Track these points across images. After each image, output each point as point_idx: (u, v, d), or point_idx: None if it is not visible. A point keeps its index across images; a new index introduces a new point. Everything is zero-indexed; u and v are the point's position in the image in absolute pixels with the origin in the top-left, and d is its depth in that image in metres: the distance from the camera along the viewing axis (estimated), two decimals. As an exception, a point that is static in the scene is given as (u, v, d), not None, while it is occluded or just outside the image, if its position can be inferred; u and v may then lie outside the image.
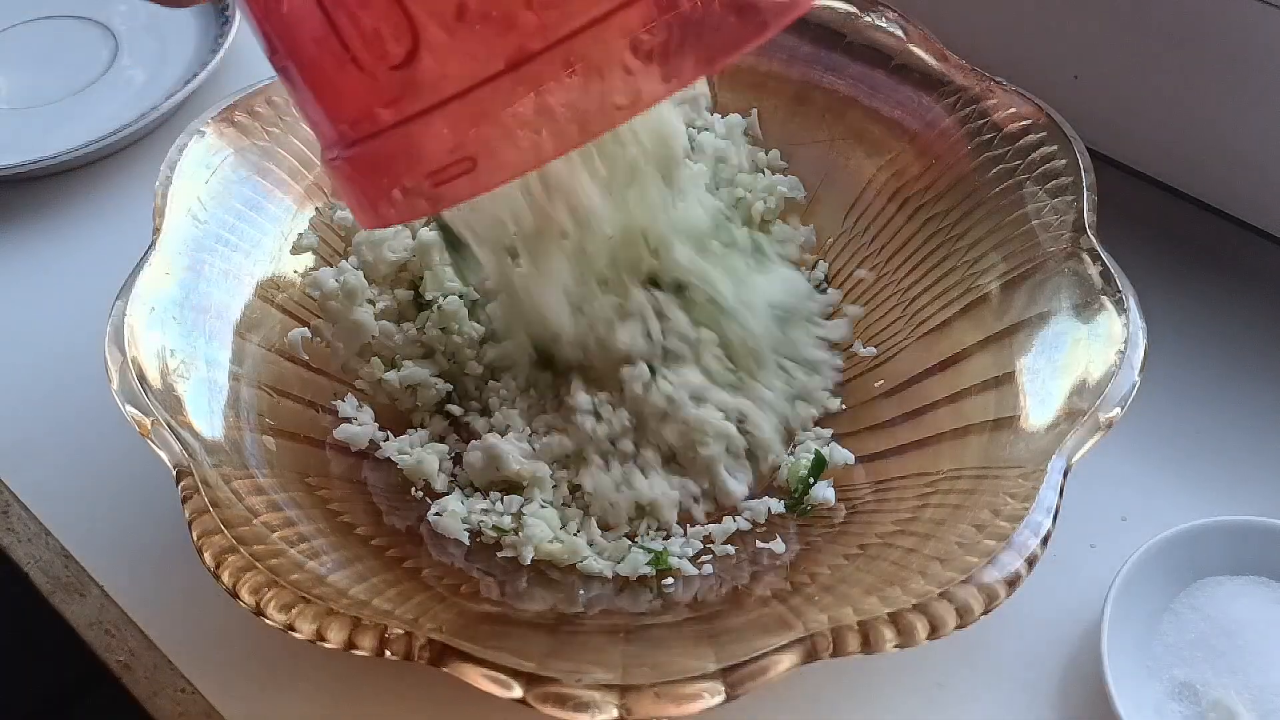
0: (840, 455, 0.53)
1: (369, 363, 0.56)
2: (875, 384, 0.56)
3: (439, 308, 0.57)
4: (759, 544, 0.51)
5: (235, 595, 0.41)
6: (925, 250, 0.57)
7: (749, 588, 0.48)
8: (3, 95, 0.77)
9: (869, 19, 0.61)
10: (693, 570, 0.50)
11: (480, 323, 0.57)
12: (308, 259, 0.58)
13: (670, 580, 0.49)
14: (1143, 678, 0.48)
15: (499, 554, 0.50)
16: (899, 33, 0.61)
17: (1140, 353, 0.46)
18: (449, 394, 0.56)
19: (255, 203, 0.56)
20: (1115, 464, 0.54)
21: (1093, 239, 0.51)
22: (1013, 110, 0.57)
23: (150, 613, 0.52)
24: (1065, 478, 0.43)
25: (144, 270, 0.50)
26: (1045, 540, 0.42)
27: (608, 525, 0.52)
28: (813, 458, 0.53)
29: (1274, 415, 0.58)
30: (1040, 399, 0.47)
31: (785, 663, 0.39)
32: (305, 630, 0.40)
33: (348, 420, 0.54)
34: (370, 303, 0.57)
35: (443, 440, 0.55)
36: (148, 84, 0.76)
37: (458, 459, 0.54)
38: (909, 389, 0.54)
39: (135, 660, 0.51)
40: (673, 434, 0.53)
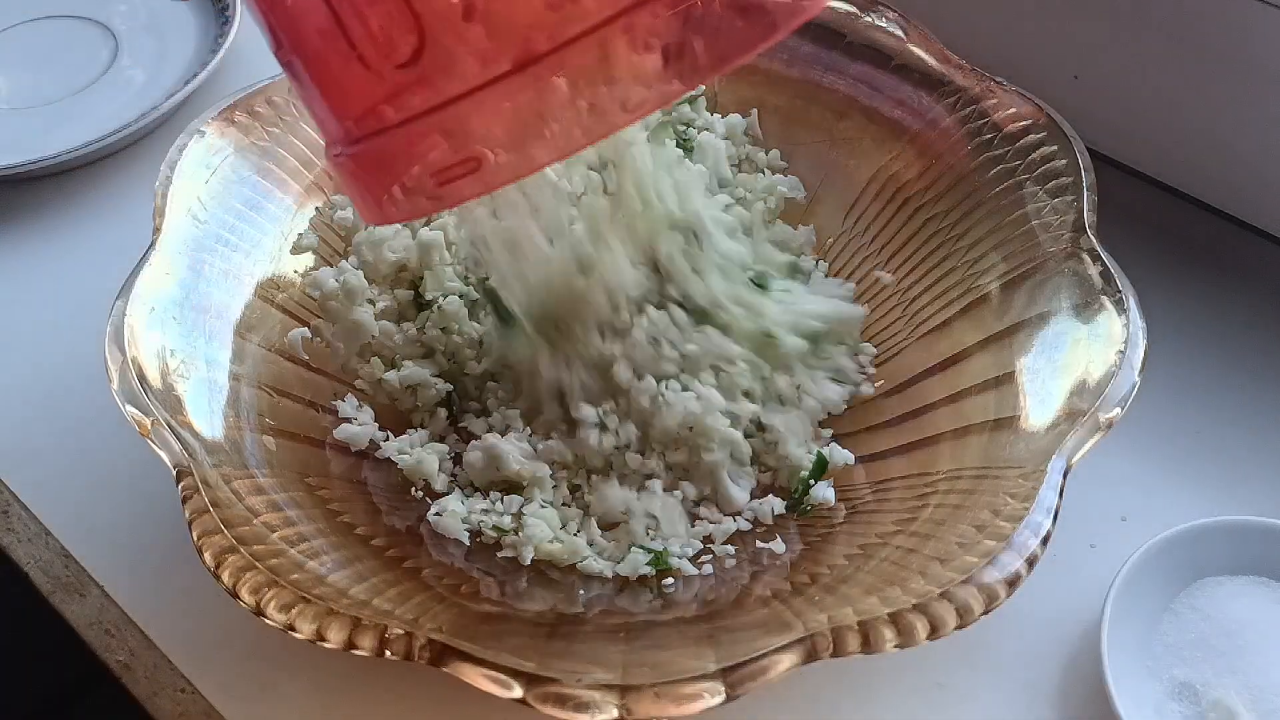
0: (840, 455, 0.53)
1: (369, 363, 0.56)
2: (875, 384, 0.56)
3: (439, 308, 0.56)
4: (759, 544, 0.51)
5: (235, 595, 0.41)
6: (925, 250, 0.57)
7: (749, 588, 0.48)
8: (3, 95, 0.77)
9: (869, 19, 0.61)
10: (693, 570, 0.50)
11: (480, 322, 0.57)
12: (308, 259, 0.58)
13: (670, 580, 0.49)
14: (1143, 678, 0.48)
15: (499, 554, 0.50)
16: (899, 33, 0.61)
17: (1140, 353, 0.46)
18: (449, 394, 0.56)
19: (255, 203, 0.57)
20: (1115, 464, 0.54)
21: (1093, 239, 0.51)
22: (1013, 110, 0.57)
23: (150, 613, 0.52)
24: (1065, 478, 0.43)
25: (144, 270, 0.50)
26: (1045, 540, 0.42)
27: (608, 525, 0.52)
28: (813, 458, 0.53)
29: (1274, 415, 0.58)
30: (1040, 399, 0.47)
31: (785, 663, 0.39)
32: (305, 630, 0.40)
33: (348, 420, 0.54)
34: (370, 303, 0.57)
35: (443, 440, 0.55)
36: (148, 84, 0.76)
37: (458, 459, 0.54)
38: (909, 389, 0.54)
39: (135, 660, 0.51)
40: (677, 440, 0.53)
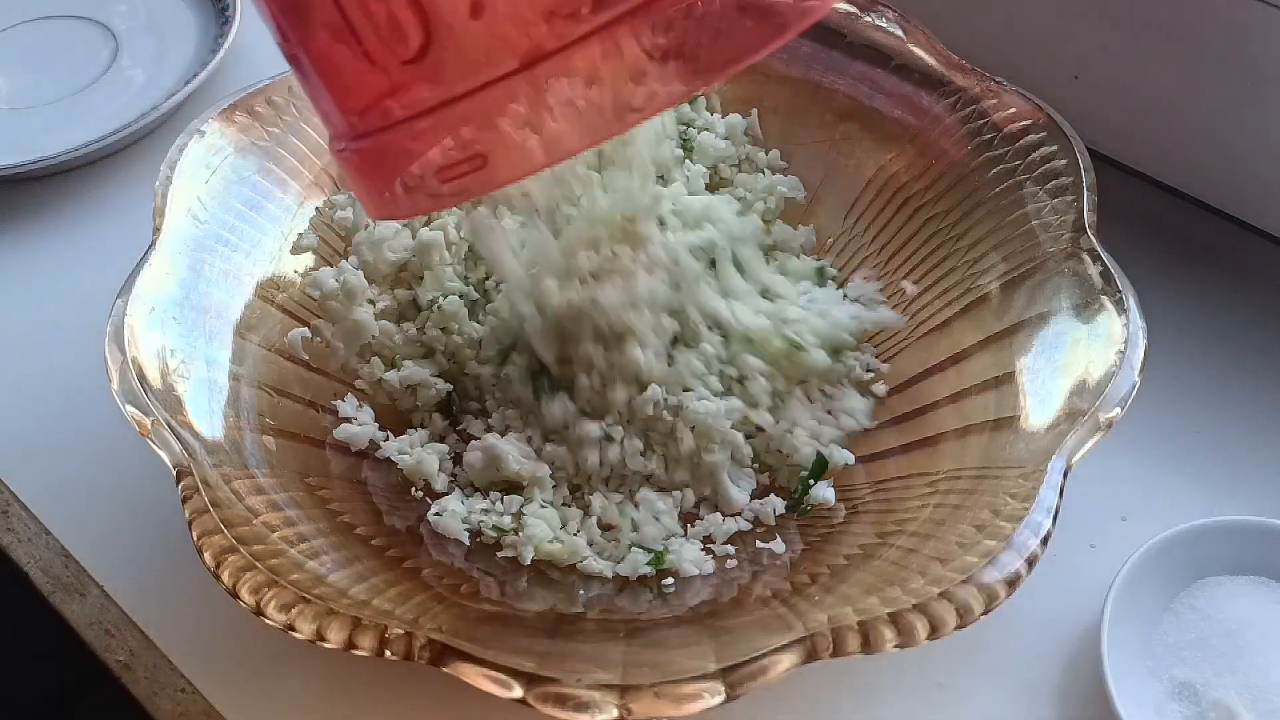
0: (840, 455, 0.53)
1: (369, 363, 0.56)
2: (876, 384, 0.56)
3: (439, 308, 0.57)
4: (759, 544, 0.51)
5: (235, 595, 0.41)
6: (925, 250, 0.57)
7: (749, 588, 0.48)
8: (3, 95, 0.77)
9: (869, 19, 0.61)
10: (693, 570, 0.50)
11: (481, 322, 0.57)
12: (308, 259, 0.58)
13: (670, 580, 0.49)
14: (1143, 678, 0.48)
15: (499, 554, 0.50)
16: (899, 33, 0.61)
17: (1140, 353, 0.47)
18: (449, 394, 0.56)
19: (255, 203, 0.56)
20: (1115, 464, 0.54)
21: (1093, 239, 0.51)
22: (1013, 110, 0.57)
23: (150, 613, 0.52)
24: (1065, 478, 0.43)
25: (144, 270, 0.50)
26: (1045, 540, 0.42)
27: (608, 525, 0.52)
28: (813, 458, 0.53)
29: (1274, 415, 0.58)
30: (1040, 399, 0.47)
31: (785, 663, 0.39)
32: (305, 630, 0.40)
33: (348, 420, 0.54)
34: (370, 303, 0.57)
35: (443, 440, 0.55)
36: (148, 84, 0.76)
37: (458, 459, 0.54)
38: (909, 389, 0.54)
39: (135, 660, 0.51)
40: (678, 441, 0.53)
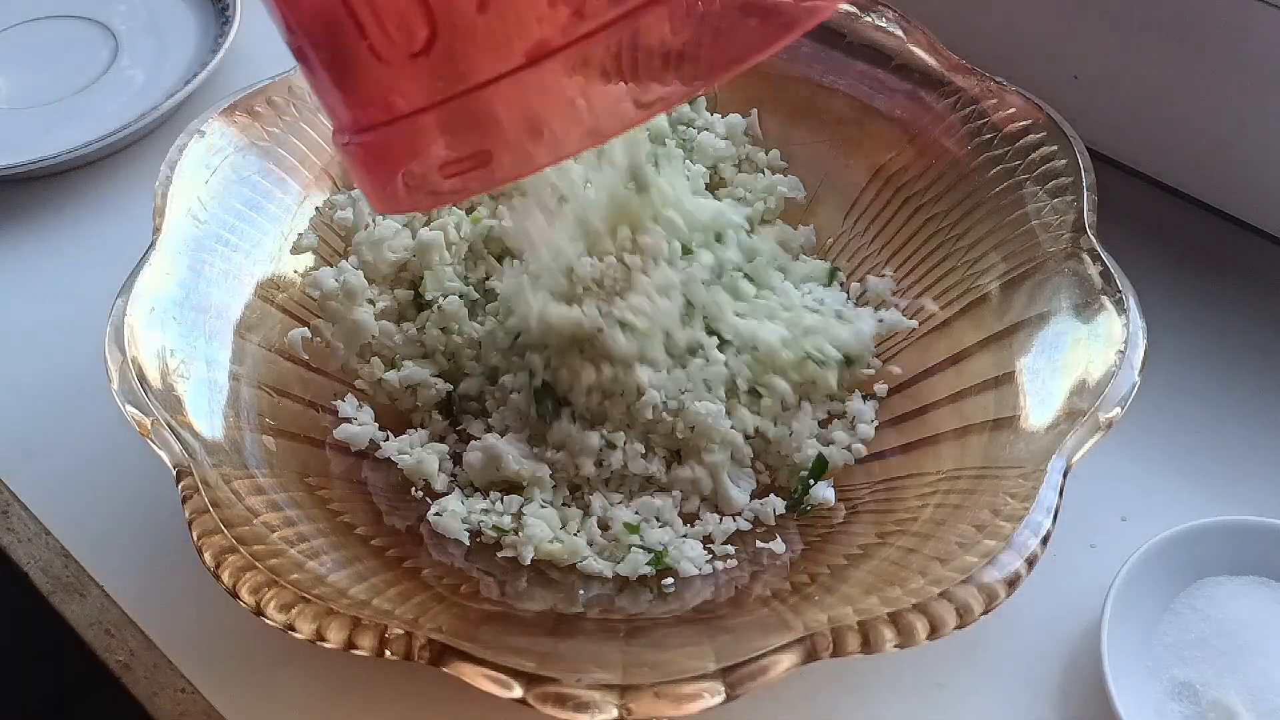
0: (840, 455, 0.53)
1: (369, 363, 0.56)
2: (876, 384, 0.56)
3: (439, 308, 0.57)
4: (759, 544, 0.51)
5: (235, 595, 0.41)
6: (925, 250, 0.57)
7: (749, 588, 0.48)
8: (3, 95, 0.77)
9: (869, 19, 0.61)
10: (692, 570, 0.50)
11: (481, 322, 0.57)
12: (308, 259, 0.58)
13: (670, 580, 0.49)
14: (1143, 678, 0.48)
15: (499, 554, 0.50)
16: (899, 33, 0.61)
17: (1140, 353, 0.47)
18: (449, 394, 0.56)
19: (255, 203, 0.56)
20: (1115, 464, 0.54)
21: (1093, 239, 0.51)
22: (1013, 110, 0.57)
23: (150, 613, 0.52)
24: (1065, 478, 0.43)
25: (144, 270, 0.50)
26: (1045, 540, 0.42)
27: (607, 525, 0.52)
28: (813, 458, 0.53)
29: (1274, 415, 0.58)
30: (1040, 399, 0.47)
31: (785, 663, 0.39)
32: (305, 630, 0.40)
33: (348, 420, 0.54)
34: (370, 303, 0.57)
35: (443, 440, 0.55)
36: (148, 84, 0.76)
37: (458, 459, 0.54)
38: (909, 389, 0.54)
39: (135, 660, 0.51)
40: (678, 440, 0.53)
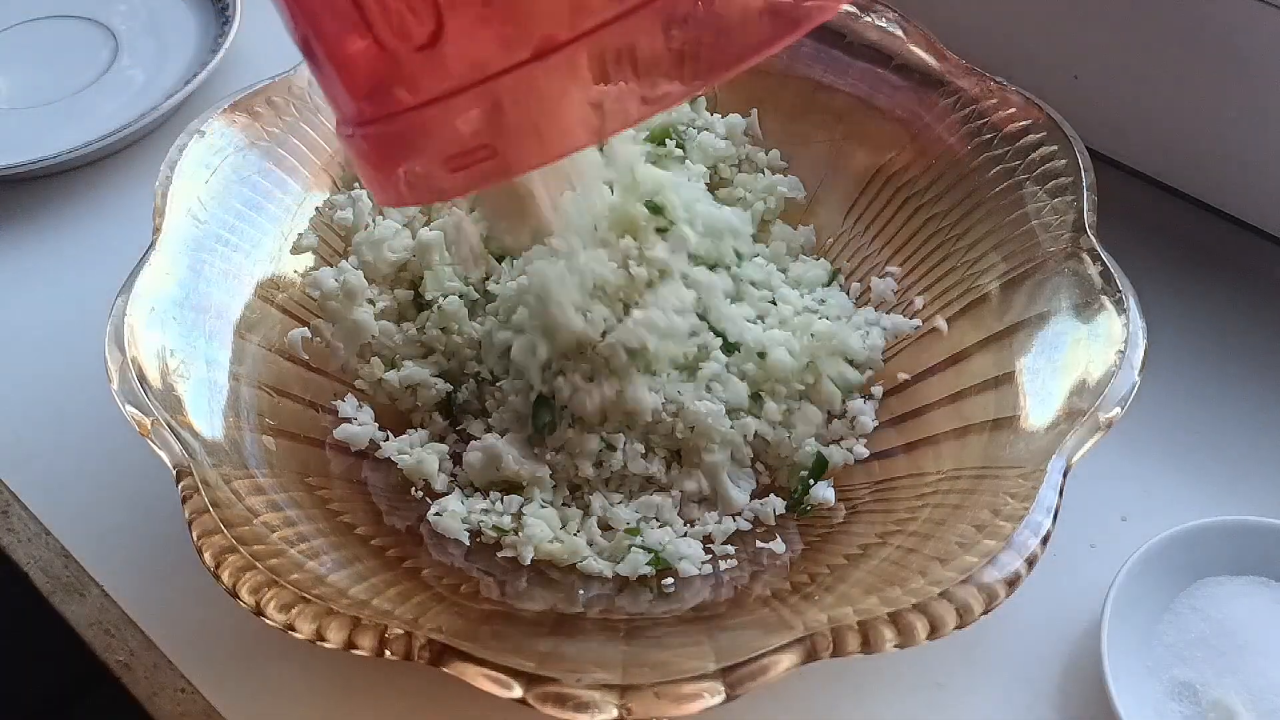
0: (840, 455, 0.53)
1: (369, 363, 0.56)
2: (875, 384, 0.56)
3: (439, 308, 0.57)
4: (759, 544, 0.51)
5: (235, 595, 0.41)
6: (925, 250, 0.57)
7: (749, 588, 0.48)
8: (3, 95, 0.77)
9: (869, 19, 0.61)
10: (692, 570, 0.50)
11: (481, 323, 0.57)
12: (308, 259, 0.58)
13: (670, 580, 0.49)
14: (1143, 678, 0.48)
15: (499, 554, 0.50)
16: (899, 33, 0.61)
17: (1140, 353, 0.47)
18: (449, 394, 0.56)
19: (255, 203, 0.56)
20: (1115, 464, 0.54)
21: (1093, 239, 0.51)
22: (1013, 110, 0.57)
23: (150, 613, 0.52)
24: (1065, 478, 0.43)
25: (144, 270, 0.50)
26: (1045, 540, 0.42)
27: (608, 525, 0.52)
28: (813, 458, 0.53)
29: (1274, 415, 0.58)
30: (1040, 399, 0.47)
31: (785, 663, 0.39)
32: (305, 630, 0.40)
33: (348, 420, 0.54)
34: (370, 303, 0.57)
35: (443, 440, 0.55)
36: (148, 84, 0.76)
37: (458, 459, 0.54)
38: (909, 389, 0.54)
39: (135, 660, 0.51)
40: (678, 440, 0.53)
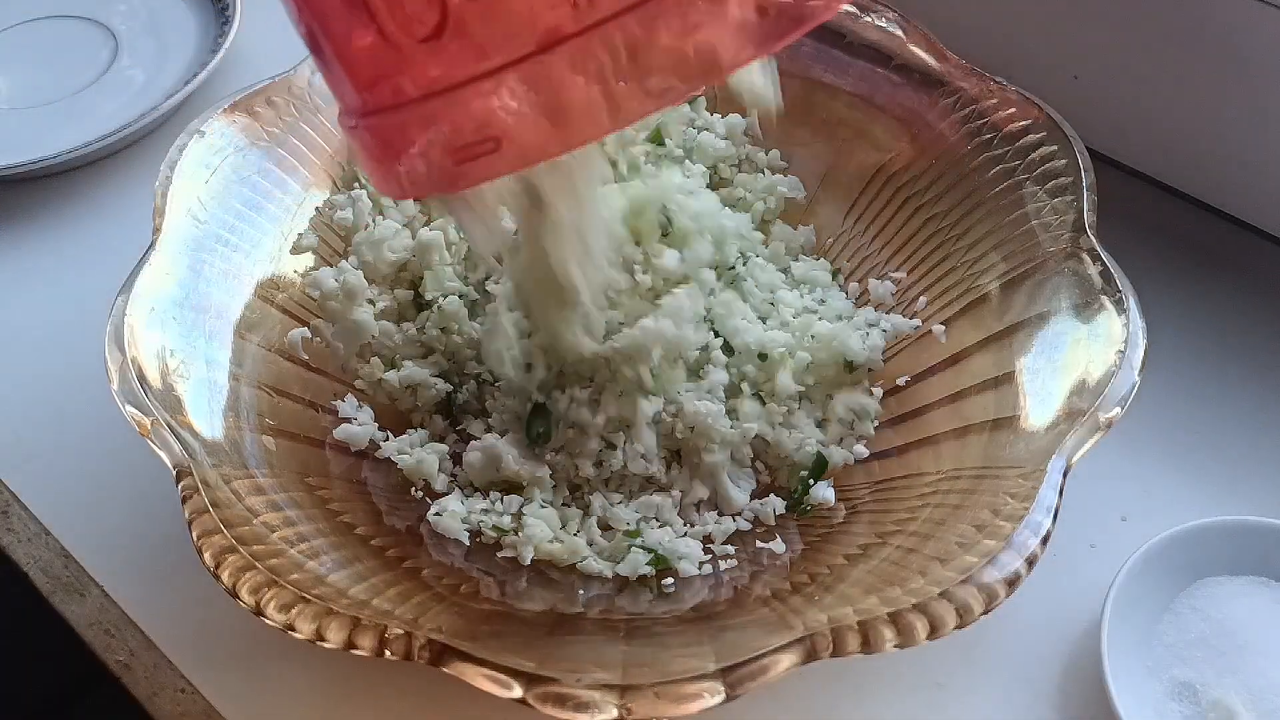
0: (840, 455, 0.53)
1: (369, 363, 0.56)
2: (875, 384, 0.56)
3: (439, 308, 0.57)
4: (759, 544, 0.51)
5: (235, 595, 0.41)
6: (925, 250, 0.57)
7: (749, 588, 0.48)
8: (3, 95, 0.77)
9: (869, 19, 0.61)
10: (692, 570, 0.50)
11: (481, 323, 0.57)
12: (308, 259, 0.58)
13: (670, 580, 0.49)
14: (1143, 678, 0.48)
15: (499, 554, 0.50)
16: (899, 32, 0.61)
17: (1140, 353, 0.47)
18: (448, 394, 0.56)
19: (255, 203, 0.56)
20: (1115, 464, 0.54)
21: (1093, 239, 0.51)
22: (1013, 110, 0.57)
23: (150, 613, 0.52)
24: (1065, 478, 0.43)
25: (144, 270, 0.50)
26: (1045, 540, 0.42)
27: (608, 525, 0.52)
28: (813, 457, 0.53)
29: (1274, 415, 0.58)
30: (1040, 399, 0.47)
31: (785, 663, 0.39)
32: (305, 630, 0.40)
33: (348, 420, 0.54)
34: (370, 303, 0.57)
35: (442, 440, 0.55)
36: (148, 84, 0.76)
37: (457, 459, 0.54)
38: (909, 389, 0.54)
39: (135, 660, 0.51)
40: (678, 440, 0.53)
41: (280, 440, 0.50)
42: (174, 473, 0.44)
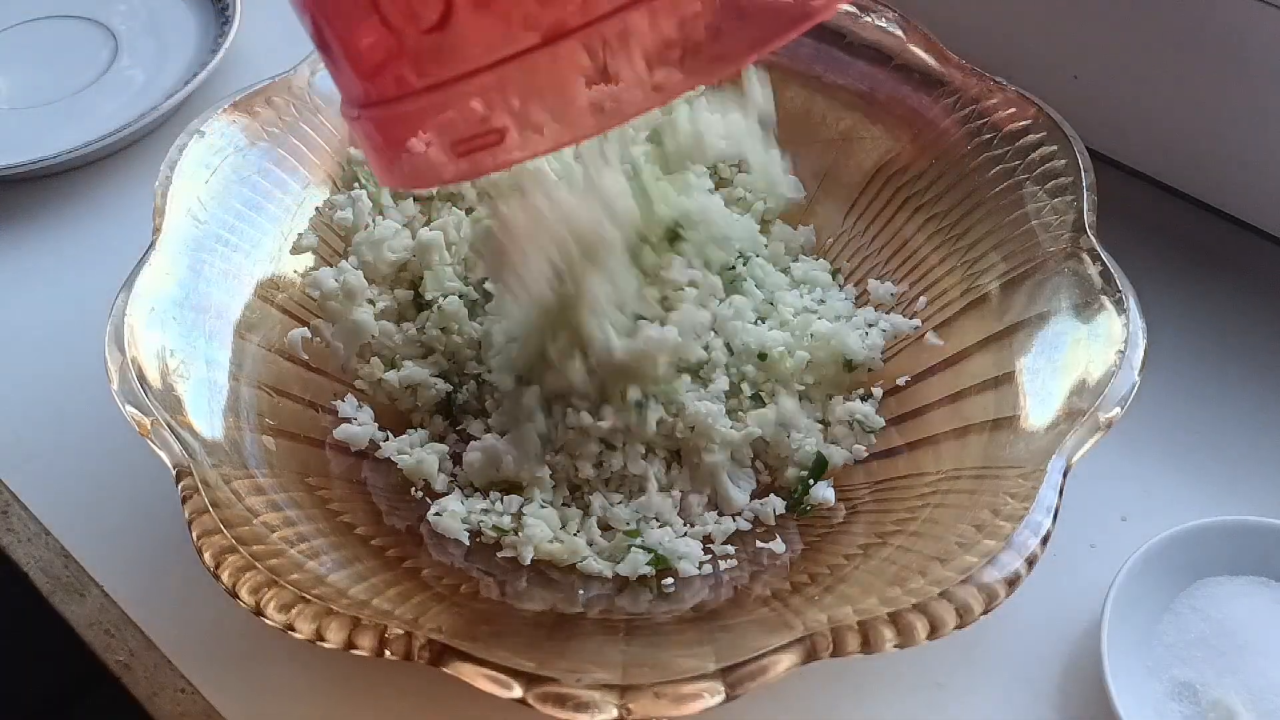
0: (840, 455, 0.53)
1: (369, 363, 0.56)
2: (875, 384, 0.56)
3: (439, 308, 0.57)
4: (759, 544, 0.51)
5: (235, 595, 0.41)
6: (925, 250, 0.57)
7: (749, 588, 0.48)
8: (3, 95, 0.77)
9: (869, 19, 0.61)
10: (692, 570, 0.50)
11: (481, 323, 0.57)
12: (308, 259, 0.58)
13: (670, 580, 0.49)
14: (1143, 678, 0.48)
15: (499, 554, 0.50)
16: (899, 32, 0.61)
17: (1140, 353, 0.47)
18: (448, 394, 0.56)
19: (255, 203, 0.56)
20: (1115, 464, 0.54)
21: (1093, 239, 0.51)
22: (1013, 110, 0.57)
23: (150, 613, 0.52)
24: (1065, 478, 0.43)
25: (144, 270, 0.50)
26: (1045, 540, 0.42)
27: (608, 525, 0.52)
28: (813, 458, 0.53)
29: (1274, 415, 0.58)
30: (1040, 399, 0.47)
31: (785, 663, 0.39)
32: (305, 630, 0.40)
33: (348, 420, 0.54)
34: (370, 303, 0.57)
35: (443, 440, 0.55)
36: (148, 84, 0.76)
37: (458, 459, 0.54)
38: (909, 389, 0.54)
39: (135, 660, 0.51)
40: (678, 440, 0.53)
41: (280, 440, 0.50)
42: (174, 473, 0.44)
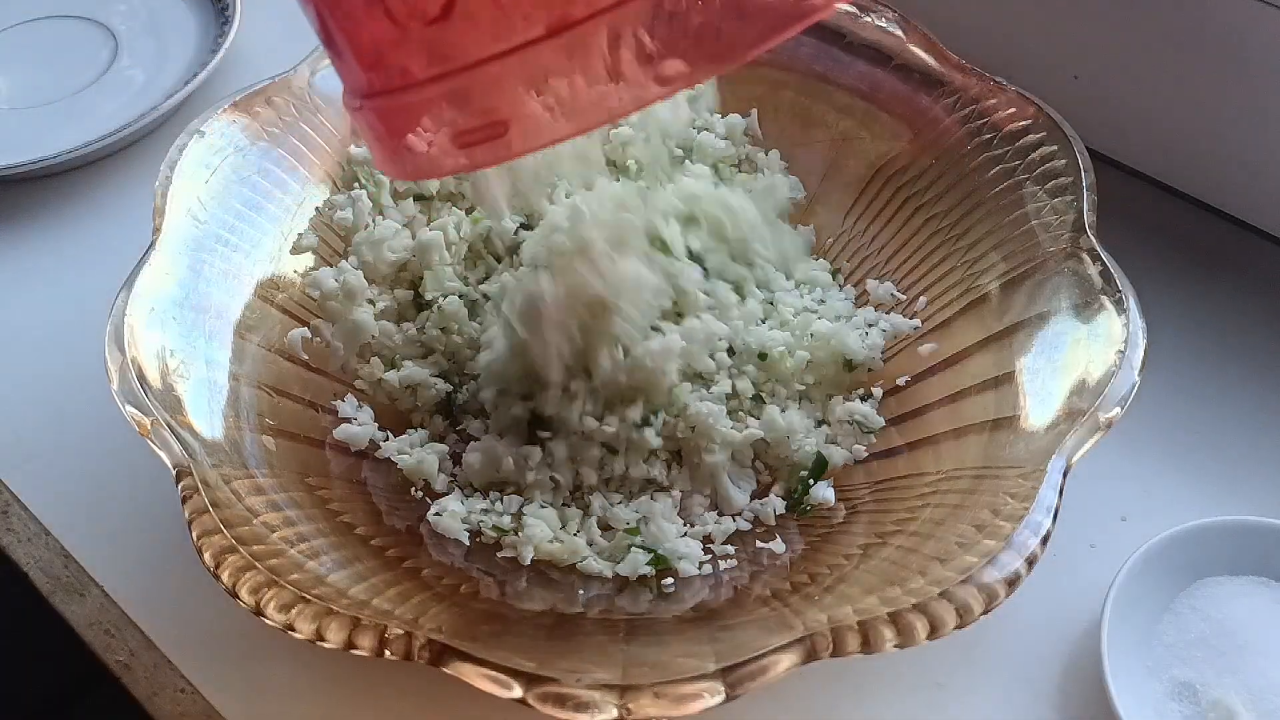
0: (840, 455, 0.53)
1: (369, 363, 0.56)
2: (875, 384, 0.56)
3: (439, 308, 0.57)
4: (759, 544, 0.51)
5: (235, 595, 0.41)
6: (925, 250, 0.57)
7: (749, 588, 0.48)
8: (3, 95, 0.77)
9: (869, 19, 0.61)
10: (692, 570, 0.50)
11: (481, 323, 0.57)
12: (308, 259, 0.58)
13: (670, 580, 0.49)
14: (1143, 678, 0.48)
15: (499, 554, 0.50)
16: (899, 32, 0.61)
17: (1140, 353, 0.47)
18: (448, 394, 0.56)
19: (255, 203, 0.56)
20: (1115, 464, 0.54)
21: (1093, 239, 0.51)
22: (1013, 110, 0.57)
23: (150, 613, 0.52)
24: (1065, 478, 0.43)
25: (144, 270, 0.50)
26: (1045, 540, 0.42)
27: (608, 525, 0.52)
28: (813, 458, 0.53)
29: (1274, 415, 0.58)
30: (1040, 399, 0.47)
31: (785, 663, 0.39)
32: (305, 630, 0.40)
33: (348, 420, 0.54)
34: (370, 303, 0.57)
35: (443, 440, 0.55)
36: (148, 84, 0.76)
37: (457, 459, 0.54)
38: (909, 389, 0.54)
39: (135, 660, 0.51)
40: (678, 441, 0.53)
41: (280, 440, 0.50)
42: (174, 473, 0.44)
